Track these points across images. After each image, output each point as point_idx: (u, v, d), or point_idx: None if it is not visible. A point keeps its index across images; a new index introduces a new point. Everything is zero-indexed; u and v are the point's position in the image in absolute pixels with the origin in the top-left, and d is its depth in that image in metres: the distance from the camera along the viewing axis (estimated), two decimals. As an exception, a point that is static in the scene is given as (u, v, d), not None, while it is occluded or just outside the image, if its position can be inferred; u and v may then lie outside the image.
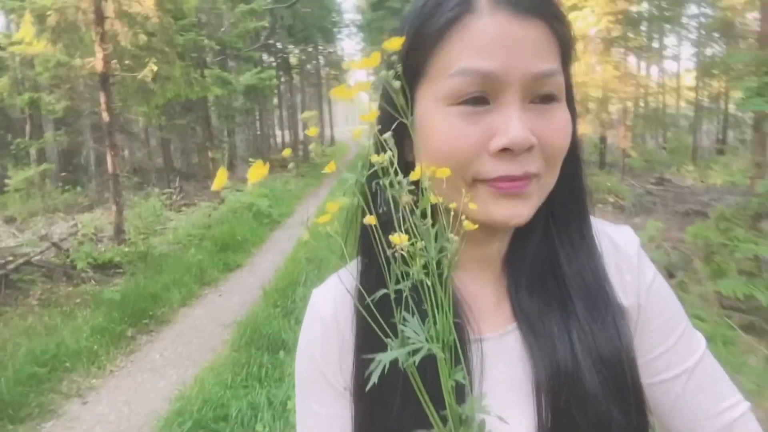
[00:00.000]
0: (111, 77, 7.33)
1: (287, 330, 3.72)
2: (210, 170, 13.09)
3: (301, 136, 27.78)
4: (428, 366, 0.40)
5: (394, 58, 0.45)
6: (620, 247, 0.58)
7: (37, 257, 5.93)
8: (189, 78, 9.07)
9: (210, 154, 12.02)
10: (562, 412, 0.50)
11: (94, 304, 4.65)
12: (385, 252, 0.40)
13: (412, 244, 0.38)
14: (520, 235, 0.56)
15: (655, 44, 17.10)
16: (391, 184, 0.39)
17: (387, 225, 0.40)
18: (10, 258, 5.68)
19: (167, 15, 8.25)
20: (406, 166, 0.50)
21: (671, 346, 0.56)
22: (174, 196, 10.24)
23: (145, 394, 3.27)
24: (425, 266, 0.39)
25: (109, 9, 7.31)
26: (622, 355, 0.52)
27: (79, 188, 12.46)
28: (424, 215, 0.39)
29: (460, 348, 0.47)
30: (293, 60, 24.64)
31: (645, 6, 11.00)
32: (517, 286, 0.55)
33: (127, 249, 6.28)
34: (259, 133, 22.64)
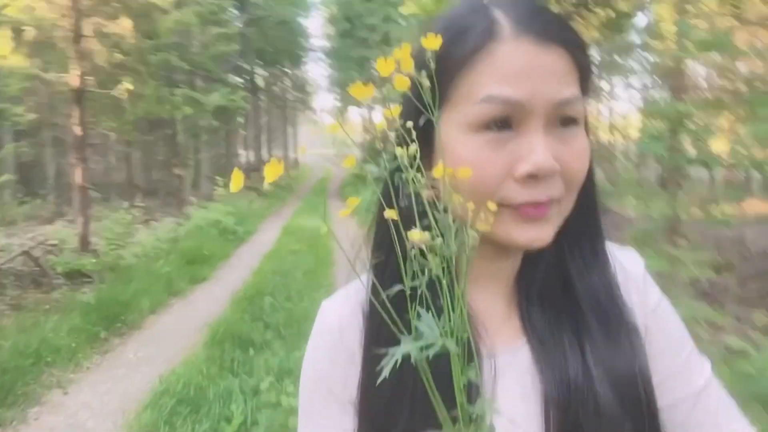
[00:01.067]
0: (85, 93, 7.63)
1: (255, 332, 4.13)
2: (175, 186, 13.29)
3: (264, 157, 28.04)
4: (439, 366, 0.40)
5: (429, 56, 0.45)
6: (627, 269, 0.59)
7: (7, 265, 6.11)
8: (160, 97, 9.43)
9: (176, 171, 12.27)
10: (571, 427, 0.50)
11: (67, 308, 4.91)
12: (402, 247, 0.40)
13: (432, 239, 0.39)
14: (533, 253, 0.56)
15: (605, 85, 18.52)
16: (414, 180, 0.40)
17: (406, 220, 0.41)
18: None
19: (143, 36, 8.64)
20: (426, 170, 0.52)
21: (679, 368, 0.56)
22: (136, 212, 10.42)
23: (123, 386, 3.60)
24: (443, 261, 0.39)
25: (88, 28, 7.66)
26: (637, 372, 0.53)
27: (39, 200, 12.41)
28: (445, 210, 0.40)
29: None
30: (260, 82, 25.11)
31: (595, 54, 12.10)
32: (528, 302, 0.56)
33: (94, 260, 6.52)
34: (223, 152, 22.83)
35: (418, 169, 0.40)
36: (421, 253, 0.39)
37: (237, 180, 0.37)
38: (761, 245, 6.76)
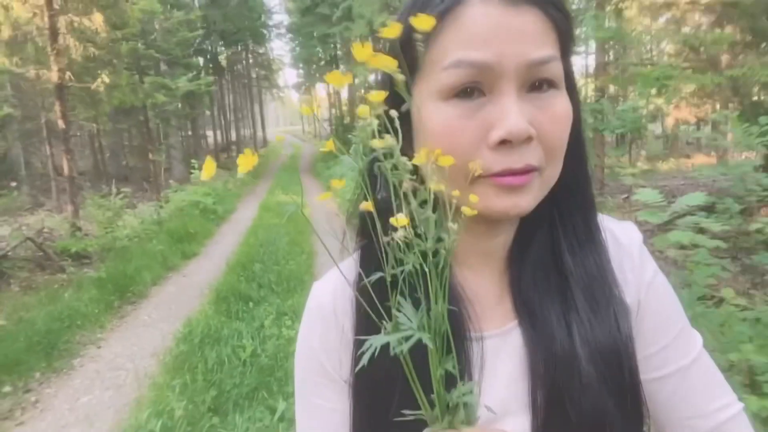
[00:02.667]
0: (65, 88, 8.13)
1: (252, 290, 4.96)
2: (150, 172, 13.76)
3: (233, 137, 28.30)
4: (424, 353, 0.41)
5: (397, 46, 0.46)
6: (623, 244, 0.59)
7: (11, 252, 6.72)
8: (134, 86, 9.92)
9: (150, 156, 12.77)
10: (556, 404, 0.51)
11: (80, 284, 5.63)
12: (383, 238, 0.40)
13: (410, 233, 0.39)
14: (525, 230, 0.56)
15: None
16: (393, 167, 0.39)
17: (386, 211, 0.40)
18: (-9, 251, 6.48)
19: (114, 29, 9.09)
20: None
21: (668, 344, 0.57)
22: (116, 197, 10.97)
23: (147, 339, 4.40)
24: (422, 255, 0.39)
25: (62, 25, 8.11)
26: (620, 348, 0.53)
27: (14, 192, 12.78)
28: (423, 203, 0.39)
29: (461, 345, 0.51)
30: (223, 62, 25.23)
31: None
32: (520, 282, 0.56)
33: (93, 242, 7.18)
34: (190, 134, 23.10)
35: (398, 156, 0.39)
36: (401, 244, 0.39)
37: (209, 168, 0.39)
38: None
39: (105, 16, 8.62)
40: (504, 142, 0.46)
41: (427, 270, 0.39)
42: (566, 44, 0.50)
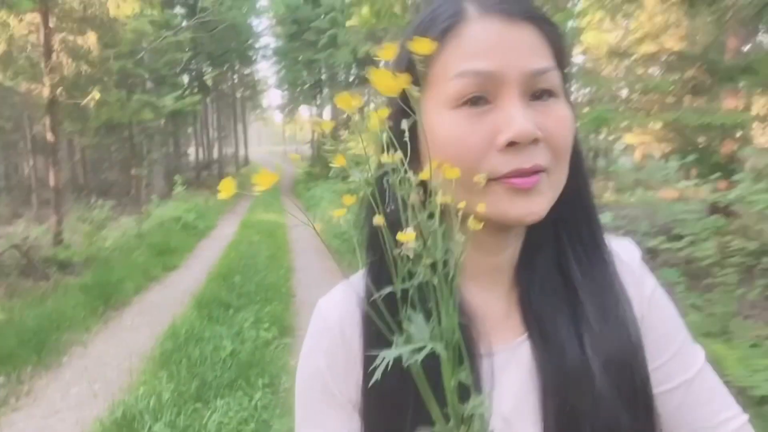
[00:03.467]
0: (56, 103, 8.48)
1: (231, 298, 5.33)
2: (131, 186, 14.02)
3: (215, 155, 28.58)
4: (436, 366, 0.41)
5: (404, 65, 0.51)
6: (623, 260, 0.60)
7: (-4, 258, 6.97)
8: (122, 103, 10.30)
9: (133, 171, 13.07)
10: (569, 417, 0.52)
11: (65, 290, 5.92)
12: (392, 251, 0.41)
13: (419, 245, 0.39)
14: (531, 243, 0.58)
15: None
16: (401, 182, 0.40)
17: (395, 224, 0.41)
18: (-26, 258, 6.72)
19: (106, 48, 9.53)
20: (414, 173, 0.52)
21: (671, 357, 0.58)
22: (101, 209, 11.23)
23: (131, 340, 4.73)
24: (432, 266, 0.39)
25: (56, 43, 8.51)
26: (632, 357, 0.54)
27: (-6, 203, 12.91)
28: (431, 216, 0.40)
29: (470, 361, 0.49)
30: (209, 81, 25.71)
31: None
32: (529, 296, 0.57)
33: (77, 252, 7.47)
34: (172, 151, 23.36)
35: (406, 171, 0.40)
36: (410, 257, 0.40)
37: (228, 187, 0.39)
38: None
39: (98, 36, 9.06)
40: (512, 144, 0.48)
41: (436, 281, 0.40)
42: (561, 57, 0.53)
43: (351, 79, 21.37)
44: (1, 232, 9.90)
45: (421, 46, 0.40)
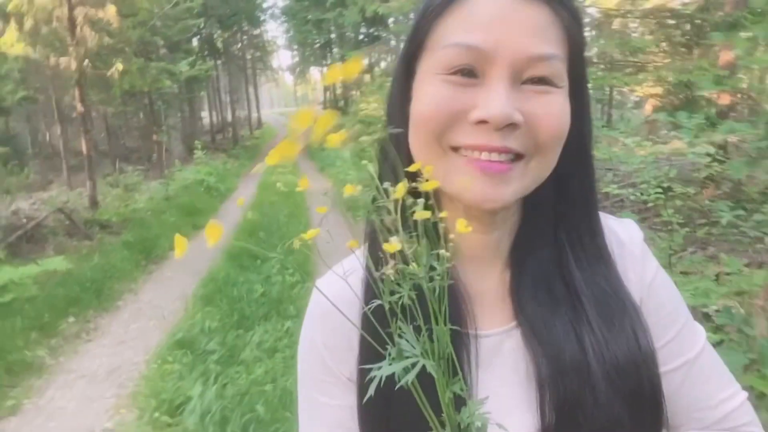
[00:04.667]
0: (84, 74, 9.07)
1: (256, 243, 6.05)
2: (152, 151, 14.72)
3: (228, 118, 29.11)
4: (431, 376, 0.41)
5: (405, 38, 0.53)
6: (625, 243, 0.60)
7: (43, 222, 7.76)
8: (143, 72, 10.84)
9: (154, 137, 13.74)
10: (566, 412, 0.52)
11: (109, 248, 6.68)
12: (376, 271, 0.41)
13: (401, 264, 0.39)
14: (527, 231, 0.57)
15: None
16: (374, 202, 0.40)
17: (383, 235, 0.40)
18: (24, 220, 7.50)
19: (125, 19, 10.02)
20: (410, 157, 0.53)
21: (672, 338, 0.58)
22: (132, 174, 11.96)
23: (173, 287, 5.47)
24: (418, 283, 0.40)
25: (79, 16, 9.04)
26: (640, 364, 0.54)
27: (26, 170, 13.72)
28: (413, 232, 0.40)
29: (456, 342, 0.51)
30: (219, 44, 25.96)
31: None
32: (519, 285, 0.57)
33: (113, 212, 8.23)
34: (187, 116, 23.93)
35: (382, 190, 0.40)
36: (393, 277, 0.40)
37: (215, 233, 0.38)
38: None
39: (117, 7, 9.54)
40: (484, 123, 0.47)
41: (426, 294, 0.39)
42: (575, 46, 0.51)
43: (361, 37, 21.51)
44: (36, 198, 10.71)
45: (349, 68, 0.39)
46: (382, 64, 21.21)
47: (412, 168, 0.42)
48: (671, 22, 6.35)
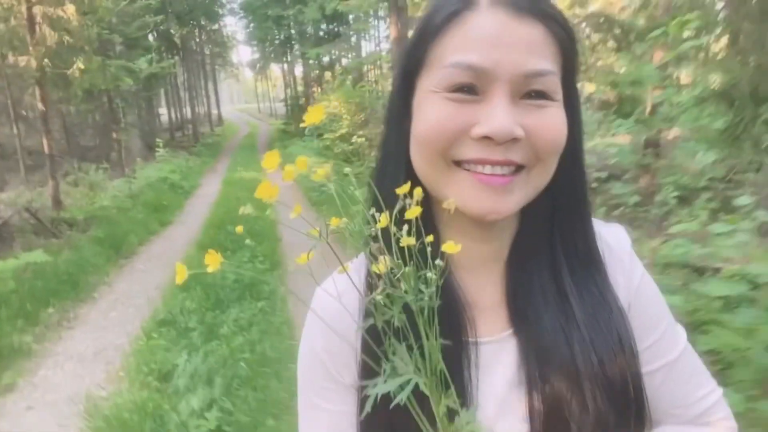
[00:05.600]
0: (44, 74, 9.17)
1: (227, 243, 6.43)
2: (112, 149, 14.68)
3: (187, 115, 28.89)
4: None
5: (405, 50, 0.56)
6: (613, 248, 0.63)
7: (9, 220, 7.88)
8: (104, 70, 10.93)
9: (114, 135, 13.76)
10: (555, 414, 0.55)
11: (75, 246, 6.91)
12: (369, 292, 0.44)
13: (390, 287, 0.42)
14: (523, 239, 0.60)
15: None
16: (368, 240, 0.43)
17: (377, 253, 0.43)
18: (-11, 220, 7.64)
19: (85, 18, 10.12)
20: (408, 164, 0.57)
21: (657, 340, 0.62)
22: (96, 172, 12.01)
23: (146, 279, 5.80)
24: (407, 305, 0.42)
25: (38, 15, 9.13)
26: (623, 363, 0.57)
27: (-20, 171, 13.53)
28: (400, 256, 0.42)
29: (456, 349, 0.55)
30: (177, 40, 25.74)
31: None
32: (516, 292, 0.59)
33: (81, 210, 8.41)
34: (145, 113, 23.69)
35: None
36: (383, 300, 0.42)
37: (181, 273, 0.43)
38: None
39: (76, 6, 9.65)
40: (487, 138, 0.50)
41: (415, 313, 0.41)
42: (568, 61, 0.54)
43: (321, 34, 21.82)
44: (-6, 199, 10.69)
45: (312, 116, 0.43)
46: (344, 61, 21.58)
47: (399, 191, 0.45)
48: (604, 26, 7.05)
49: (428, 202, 0.57)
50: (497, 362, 0.58)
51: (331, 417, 0.61)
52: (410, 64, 0.56)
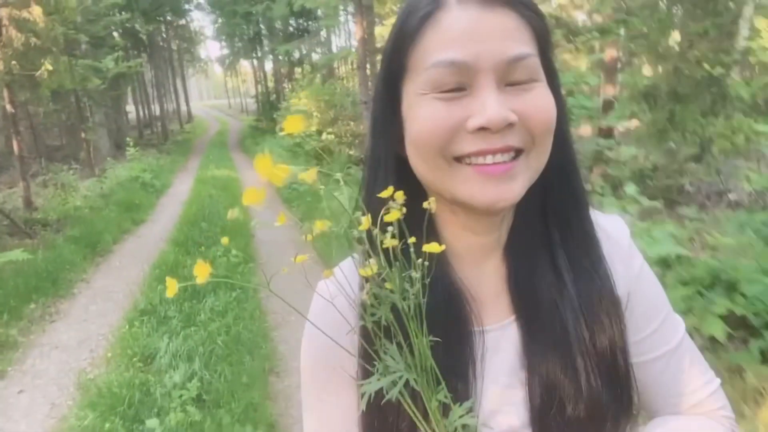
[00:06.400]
0: (12, 76, 9.28)
1: (201, 238, 6.76)
2: (80, 149, 14.71)
3: (156, 112, 28.72)
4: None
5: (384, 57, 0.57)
6: (612, 238, 0.64)
7: (-20, 222, 8.04)
8: (71, 70, 11.05)
9: (83, 135, 13.82)
10: (551, 396, 0.57)
11: (49, 246, 7.15)
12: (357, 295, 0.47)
13: (377, 287, 0.43)
14: (519, 224, 0.61)
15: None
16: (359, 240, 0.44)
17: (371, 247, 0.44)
18: (-38, 222, 7.80)
19: (51, 19, 10.23)
20: (398, 160, 0.59)
21: (655, 329, 0.64)
22: (68, 173, 12.11)
23: (123, 276, 6.10)
24: (402, 296, 0.43)
25: (4, 18, 9.23)
26: (614, 342, 0.59)
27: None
28: (395, 259, 0.43)
29: (463, 339, 0.57)
30: (143, 37, 25.56)
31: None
32: (516, 279, 0.61)
33: (52, 210, 8.60)
34: (111, 111, 23.53)
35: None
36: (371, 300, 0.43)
37: (172, 286, 0.43)
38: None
39: (42, 7, 9.77)
40: (482, 129, 0.51)
41: (403, 312, 0.43)
42: (543, 42, 0.55)
43: (290, 30, 22.02)
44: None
45: (291, 125, 0.43)
46: (313, 56, 21.82)
47: (383, 194, 0.47)
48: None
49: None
50: (500, 349, 0.60)
51: (338, 411, 0.62)
52: (392, 72, 0.58)
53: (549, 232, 0.61)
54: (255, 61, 29.17)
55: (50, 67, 9.47)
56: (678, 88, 4.04)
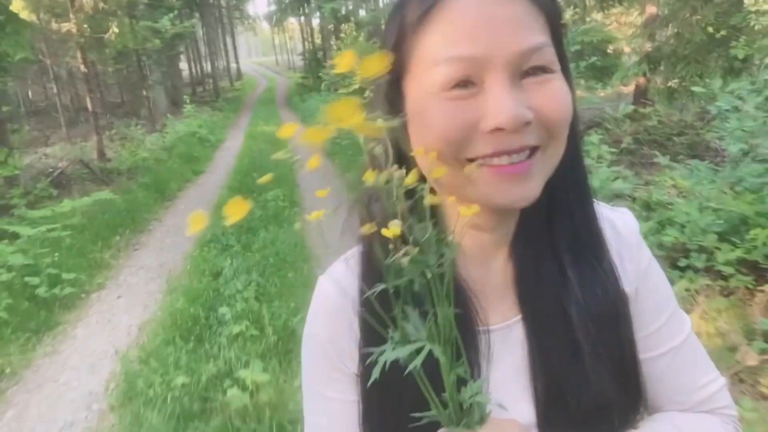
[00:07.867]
0: (84, 38, 10.43)
1: (253, 186, 7.76)
2: (142, 106, 16.06)
3: (207, 69, 29.97)
4: (433, 360, 0.44)
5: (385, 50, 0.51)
6: (621, 233, 0.64)
7: (65, 170, 9.36)
8: (135, 32, 12.14)
9: (144, 93, 15.11)
10: (555, 392, 0.57)
11: (130, 189, 8.34)
12: (383, 253, 0.43)
13: (411, 250, 0.41)
14: (525, 222, 0.60)
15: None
16: (389, 195, 0.42)
17: (384, 224, 0.42)
18: (50, 170, 9.12)
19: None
20: (400, 160, 0.53)
21: (661, 326, 0.64)
22: (135, 127, 13.43)
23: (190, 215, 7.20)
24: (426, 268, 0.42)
25: (76, -16, 10.31)
26: (622, 338, 0.60)
27: (26, 128, 15.08)
28: (422, 218, 0.42)
29: (468, 339, 0.56)
30: (195, -6, 26.51)
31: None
32: (521, 278, 0.60)
33: (125, 160, 9.84)
34: (167, 69, 24.86)
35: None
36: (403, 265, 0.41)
37: (198, 222, 0.42)
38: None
39: (108, -27, 10.78)
40: (497, 130, 0.48)
41: (429, 280, 0.42)
42: (556, 30, 0.52)
43: (337, -14, 22.37)
44: (41, 153, 12.19)
45: (373, 65, 0.39)
46: (361, 13, 22.22)
47: (409, 181, 0.44)
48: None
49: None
50: (505, 348, 0.61)
51: (338, 406, 0.62)
52: (396, 68, 0.53)
53: (553, 226, 0.61)
54: (302, 18, 29.78)
55: (116, 30, 10.54)
56: (678, 50, 4.44)
